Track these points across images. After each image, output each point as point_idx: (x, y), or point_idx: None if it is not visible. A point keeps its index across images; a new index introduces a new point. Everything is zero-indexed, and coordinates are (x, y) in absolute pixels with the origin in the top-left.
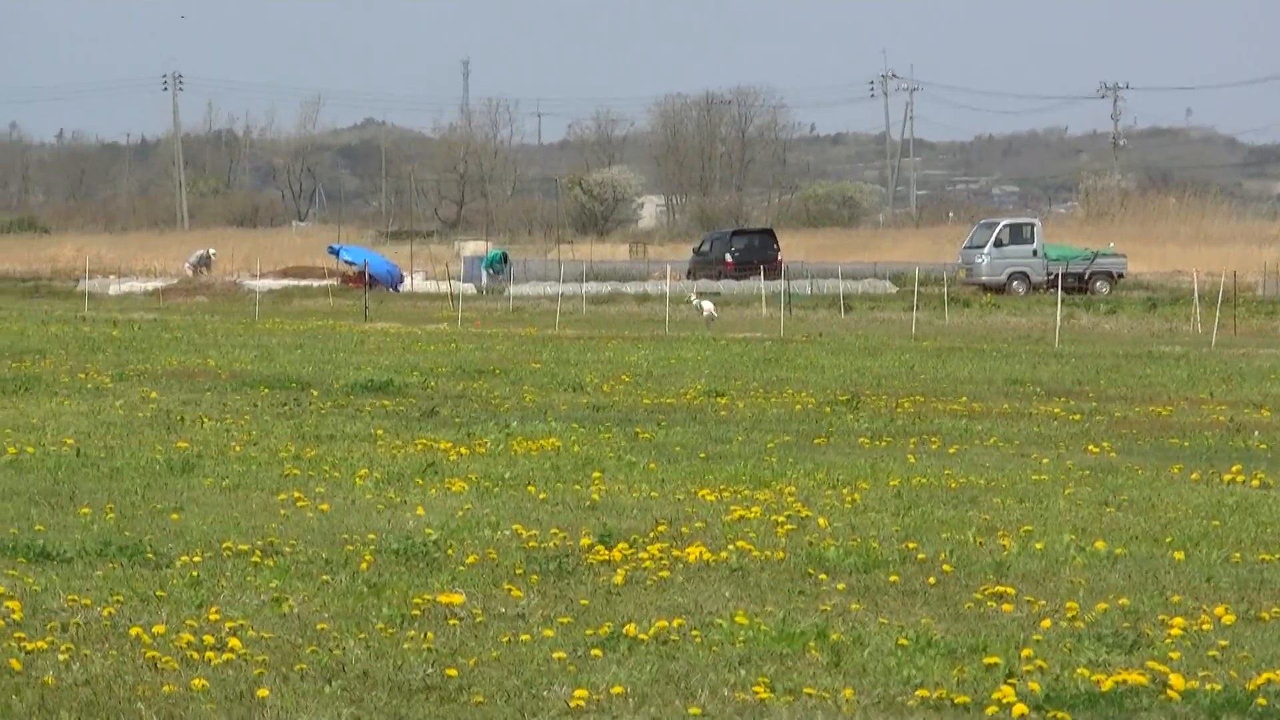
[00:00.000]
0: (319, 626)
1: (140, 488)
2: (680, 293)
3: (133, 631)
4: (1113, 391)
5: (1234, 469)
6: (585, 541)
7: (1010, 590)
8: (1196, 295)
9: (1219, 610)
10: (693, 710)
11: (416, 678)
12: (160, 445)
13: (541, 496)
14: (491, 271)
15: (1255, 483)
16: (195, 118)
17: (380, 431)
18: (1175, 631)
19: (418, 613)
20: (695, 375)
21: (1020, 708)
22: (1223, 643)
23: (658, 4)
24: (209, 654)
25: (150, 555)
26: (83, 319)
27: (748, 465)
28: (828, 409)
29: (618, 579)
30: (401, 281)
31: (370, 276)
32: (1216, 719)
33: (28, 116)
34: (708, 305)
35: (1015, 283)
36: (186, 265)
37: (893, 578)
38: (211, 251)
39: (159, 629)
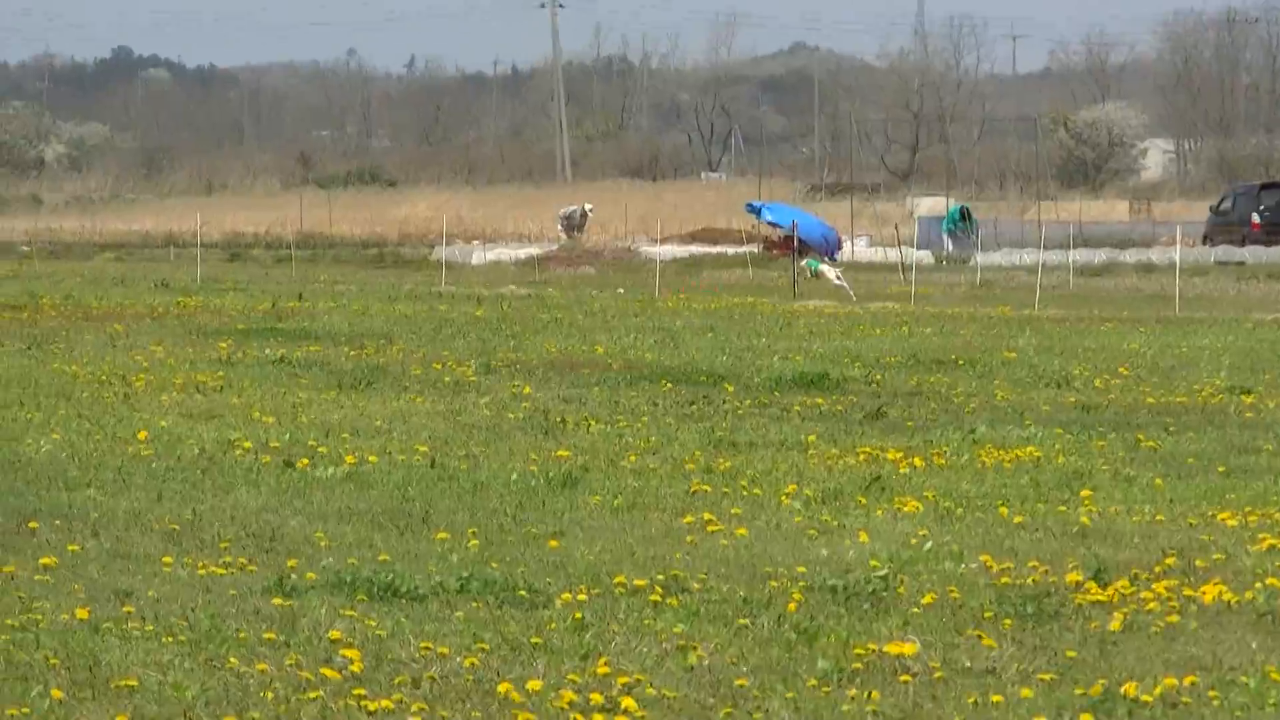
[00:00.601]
0: (736, 683)
1: (511, 507)
2: (1195, 262)
3: (501, 688)
4: None
5: None
6: (1073, 577)
7: None
8: None
9: None
10: None
11: None
12: (536, 454)
13: (1017, 520)
14: (955, 233)
15: None
16: (580, 43)
17: (812, 437)
18: None
19: (860, 666)
20: (1213, 367)
21: None
22: None
23: None
24: (596, 716)
25: (523, 592)
26: (438, 295)
27: None
28: None
29: (1114, 625)
30: (839, 248)
31: (800, 242)
32: None
33: (370, 42)
34: (833, 271)
35: None
36: (557, 224)
37: None
38: (587, 207)
39: (534, 685)
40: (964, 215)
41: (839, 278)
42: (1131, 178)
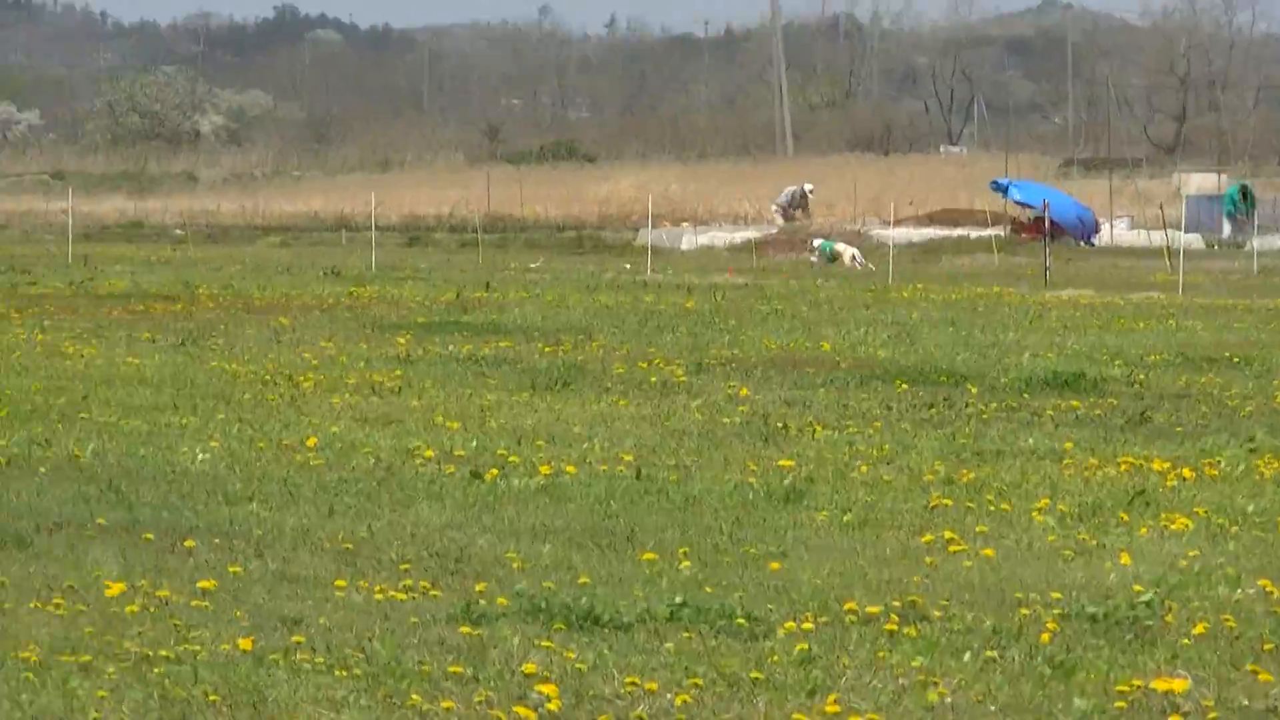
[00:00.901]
0: None
1: (726, 524)
2: None
3: None
4: None
5: None
6: None
7: None
8: None
9: None
10: None
11: None
12: (755, 463)
13: None
14: (1235, 215)
15: None
16: (802, 0)
17: (1068, 445)
18: None
19: (1124, 704)
20: None
21: None
22: None
23: None
24: None
25: (741, 621)
26: (644, 284)
27: None
28: None
29: None
30: (1096, 231)
31: (1052, 224)
32: None
33: (566, 1)
34: (850, 251)
35: None
36: (773, 207)
37: None
38: (807, 188)
39: None
40: (1244, 194)
41: (855, 258)
42: None
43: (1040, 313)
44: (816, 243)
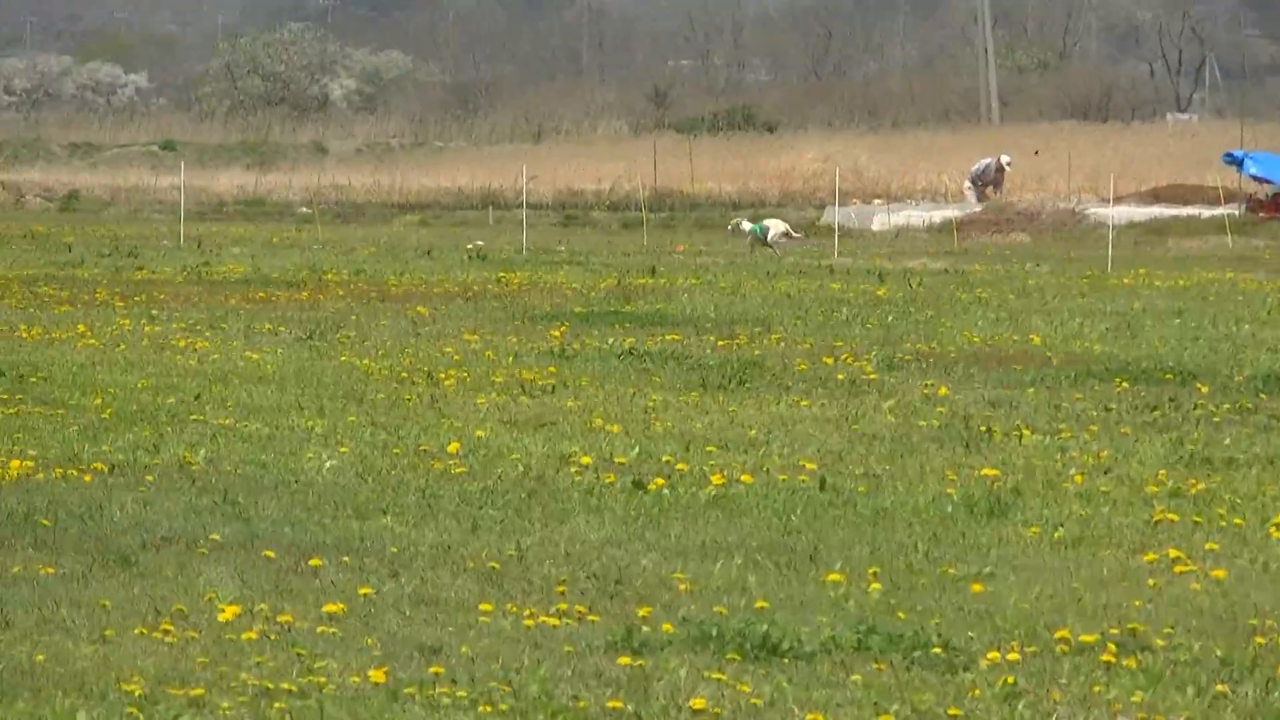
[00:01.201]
0: None
1: (922, 540)
2: None
3: None
4: None
5: None
6: None
7: None
8: None
9: None
10: None
11: None
12: (954, 473)
13: None
14: None
15: None
16: None
17: None
18: None
19: None
20: None
21: None
22: None
23: None
24: None
25: (938, 650)
26: (830, 269)
27: None
28: None
29: None
30: None
31: None
32: None
33: None
34: (780, 226)
35: None
36: (965, 184)
37: None
38: (1005, 160)
39: None
40: None
41: (788, 234)
42: None
43: None
44: (745, 225)
